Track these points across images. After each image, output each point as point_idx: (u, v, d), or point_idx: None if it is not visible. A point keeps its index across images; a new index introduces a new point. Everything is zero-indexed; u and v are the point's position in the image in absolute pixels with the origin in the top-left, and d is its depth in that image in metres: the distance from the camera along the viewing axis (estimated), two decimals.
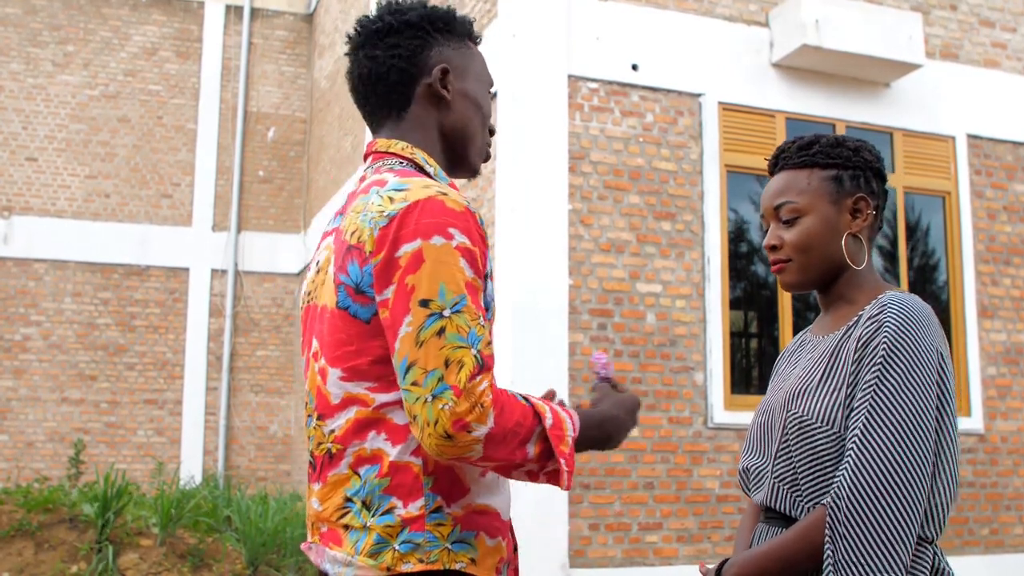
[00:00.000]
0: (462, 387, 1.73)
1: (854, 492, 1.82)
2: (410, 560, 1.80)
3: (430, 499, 1.83)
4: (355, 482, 1.85)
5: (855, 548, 1.81)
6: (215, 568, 7.81)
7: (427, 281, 1.78)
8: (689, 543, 7.75)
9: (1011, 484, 8.88)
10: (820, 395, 1.94)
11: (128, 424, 14.11)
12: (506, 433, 1.77)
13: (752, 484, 2.10)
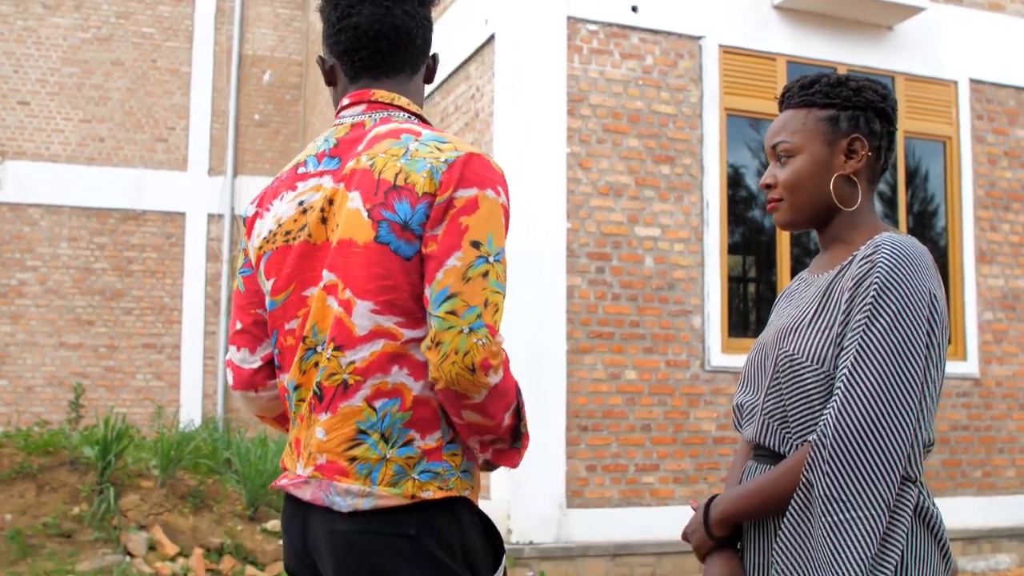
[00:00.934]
0: (496, 328, 1.86)
1: (839, 429, 1.83)
2: (429, 488, 1.89)
3: (446, 431, 1.94)
4: (369, 415, 1.91)
5: (838, 484, 1.82)
6: (216, 509, 7.87)
7: (481, 226, 1.90)
8: (685, 484, 7.81)
9: (1004, 428, 8.95)
10: (811, 333, 1.95)
11: (127, 368, 14.15)
12: (506, 390, 1.90)
13: (744, 421, 2.12)
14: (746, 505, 1.99)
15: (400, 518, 1.88)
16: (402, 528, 1.88)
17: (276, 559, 7.53)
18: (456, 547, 1.91)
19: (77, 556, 7.13)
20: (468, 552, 1.93)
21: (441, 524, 1.90)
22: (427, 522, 1.89)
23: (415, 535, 1.88)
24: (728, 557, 2.04)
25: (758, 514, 1.99)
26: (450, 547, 1.90)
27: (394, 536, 1.88)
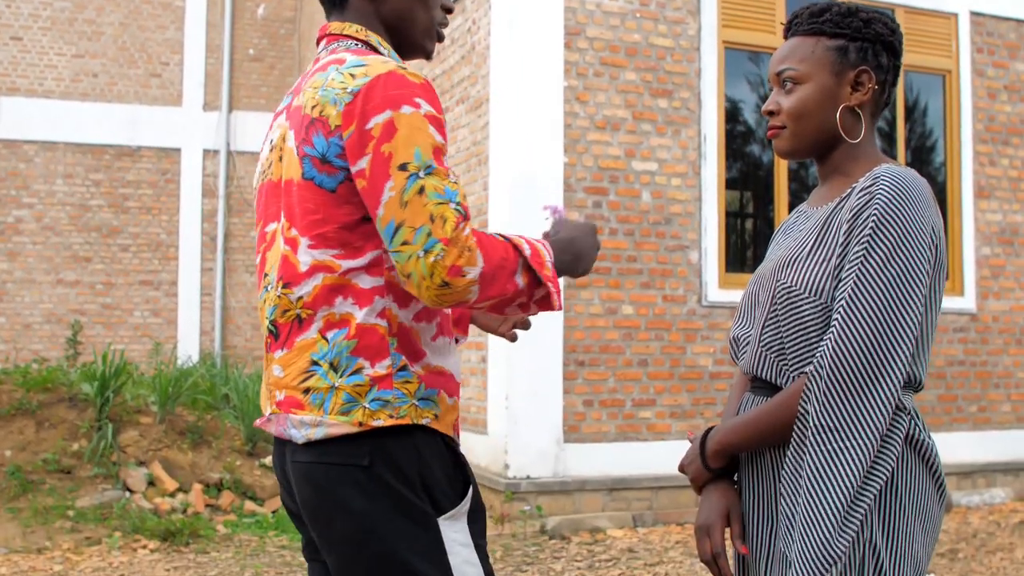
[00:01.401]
0: (450, 237, 1.82)
1: (835, 360, 1.83)
2: (380, 416, 1.89)
3: (396, 358, 1.92)
4: (322, 346, 1.92)
5: (831, 414, 1.82)
6: (214, 445, 7.92)
7: (403, 147, 1.86)
8: (682, 419, 7.85)
9: (1001, 363, 8.97)
10: (809, 265, 1.94)
11: (124, 305, 14.15)
12: (495, 269, 1.87)
13: (740, 353, 2.11)
14: (743, 436, 1.99)
15: (353, 447, 1.89)
16: (356, 458, 1.88)
17: (274, 494, 7.59)
18: (414, 476, 1.90)
19: (77, 492, 7.18)
20: (428, 482, 1.92)
21: (397, 453, 1.89)
22: (381, 451, 1.88)
23: (368, 465, 1.87)
24: (725, 489, 2.04)
25: (755, 445, 1.99)
26: (406, 477, 1.89)
27: (348, 466, 1.88)
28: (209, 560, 6.26)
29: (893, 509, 1.88)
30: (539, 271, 1.94)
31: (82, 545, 6.51)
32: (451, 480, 1.96)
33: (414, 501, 1.88)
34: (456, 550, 1.91)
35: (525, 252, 1.94)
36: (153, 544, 6.54)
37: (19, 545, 6.46)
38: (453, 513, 1.93)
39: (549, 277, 1.96)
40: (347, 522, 1.89)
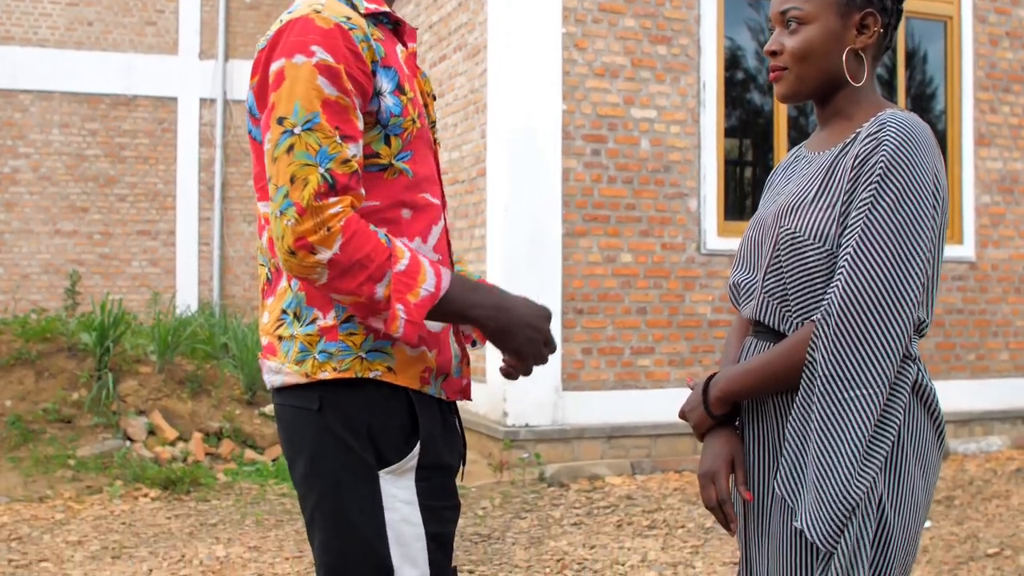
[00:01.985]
0: (305, 204, 1.75)
1: (844, 308, 1.82)
2: (326, 368, 1.86)
3: (340, 310, 1.87)
4: (289, 294, 1.92)
5: (840, 362, 1.82)
6: (214, 394, 7.94)
7: (284, 99, 1.81)
8: (681, 367, 7.86)
9: (999, 311, 8.97)
10: (814, 211, 1.92)
11: (122, 255, 14.13)
12: (352, 263, 1.77)
13: (742, 299, 2.10)
14: (747, 383, 1.98)
15: (307, 393, 1.88)
16: (308, 402, 1.88)
17: (274, 442, 7.62)
18: (360, 426, 1.87)
19: (77, 441, 7.21)
20: (375, 433, 1.87)
21: (346, 401, 1.87)
22: (331, 397, 1.87)
23: (318, 409, 1.87)
24: (728, 435, 2.04)
25: (759, 392, 1.98)
26: (353, 425, 1.86)
27: (302, 409, 1.89)
28: (210, 508, 6.29)
29: (895, 454, 1.89)
30: (398, 291, 1.80)
31: (83, 494, 6.54)
32: (406, 434, 1.90)
33: (356, 450, 1.85)
34: (395, 506, 1.86)
35: (396, 266, 1.80)
36: (154, 492, 6.58)
37: (20, 494, 6.49)
38: (395, 468, 1.87)
39: (408, 303, 1.80)
40: (300, 464, 1.91)
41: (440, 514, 1.91)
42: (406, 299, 1.81)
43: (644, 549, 5.43)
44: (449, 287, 1.86)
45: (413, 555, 1.85)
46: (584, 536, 5.71)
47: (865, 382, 1.81)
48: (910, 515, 1.89)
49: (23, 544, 5.41)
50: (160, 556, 5.21)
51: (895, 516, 1.87)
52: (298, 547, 5.40)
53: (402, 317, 1.80)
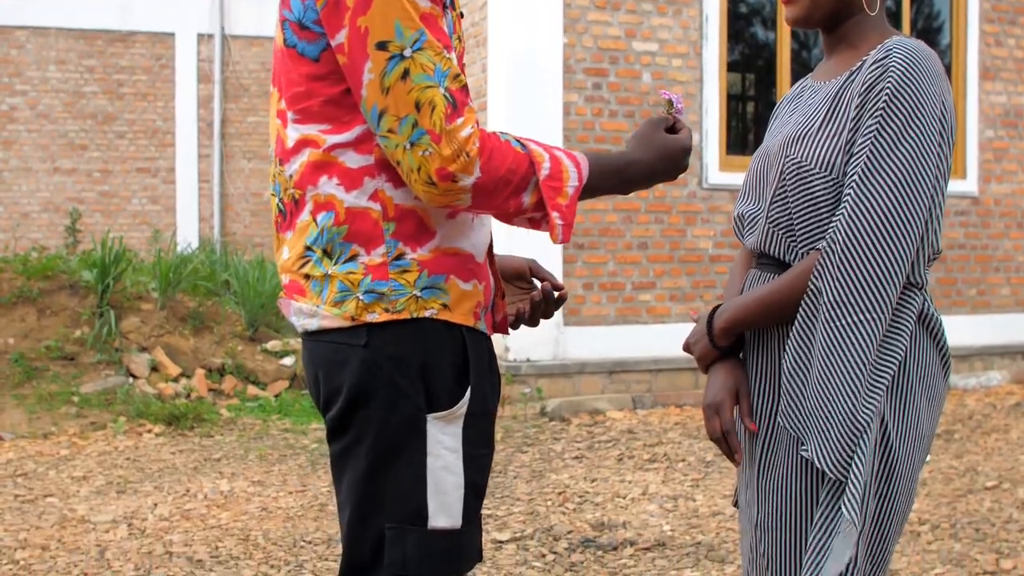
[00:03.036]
0: (439, 131, 1.66)
1: (849, 236, 1.81)
2: (375, 310, 1.75)
3: (392, 246, 1.76)
4: (313, 230, 1.79)
5: (845, 289, 1.81)
6: (216, 330, 7.95)
7: (380, 21, 1.67)
8: (682, 302, 7.87)
9: (1001, 246, 8.96)
10: (819, 140, 1.90)
11: (122, 193, 14.09)
12: (496, 183, 1.70)
13: (746, 230, 2.08)
14: (752, 313, 1.97)
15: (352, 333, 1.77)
16: (354, 338, 1.76)
17: (277, 378, 7.65)
18: (413, 364, 1.77)
19: (80, 378, 7.24)
20: (428, 373, 1.77)
21: (397, 340, 1.76)
22: (381, 336, 1.76)
23: (365, 345, 1.76)
24: (732, 367, 2.03)
25: (764, 323, 1.97)
26: (405, 365, 1.76)
27: (345, 345, 1.77)
28: (213, 443, 6.33)
29: (901, 384, 1.89)
30: (550, 197, 1.74)
31: (87, 430, 6.58)
32: (457, 376, 1.80)
33: (405, 390, 1.76)
34: (439, 452, 1.77)
35: (540, 172, 1.74)
36: (158, 428, 6.61)
37: (25, 431, 6.53)
38: (445, 415, 1.78)
39: (560, 207, 1.75)
40: (338, 400, 1.80)
41: (479, 461, 1.84)
42: (557, 203, 1.75)
43: (645, 482, 5.47)
44: (588, 175, 1.80)
45: (449, 503, 1.78)
46: (585, 469, 5.75)
47: (868, 307, 1.81)
48: (915, 443, 1.89)
49: (29, 480, 5.45)
50: (165, 490, 5.25)
51: (900, 444, 1.87)
52: (301, 481, 5.44)
53: (559, 224, 1.75)
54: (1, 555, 4.24)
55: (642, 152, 1.87)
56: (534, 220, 1.79)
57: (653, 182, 1.91)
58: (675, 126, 1.91)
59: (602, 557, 4.26)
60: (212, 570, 4.07)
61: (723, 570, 4.08)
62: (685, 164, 1.91)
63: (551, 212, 1.74)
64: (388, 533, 1.76)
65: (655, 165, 1.87)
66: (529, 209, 1.76)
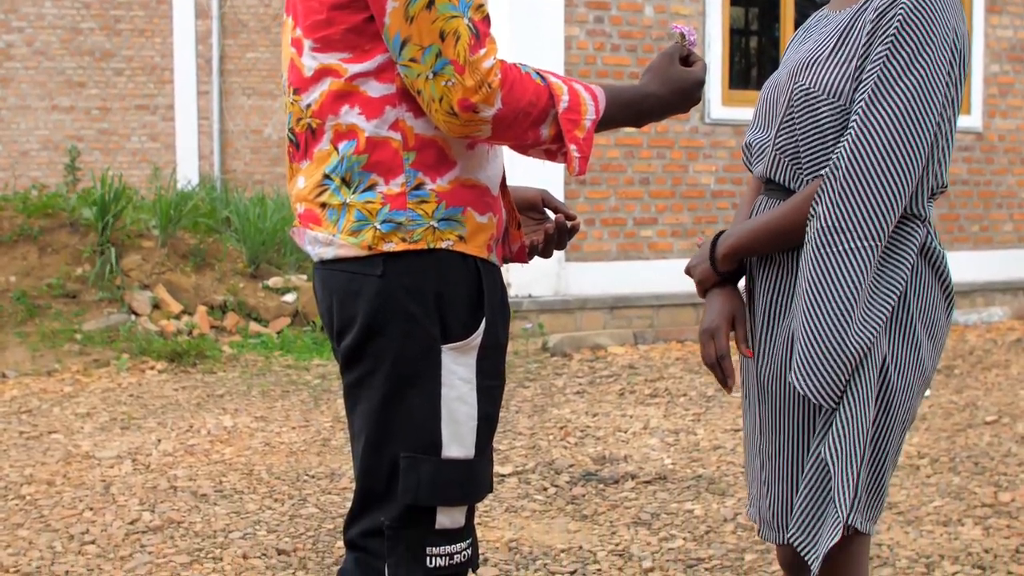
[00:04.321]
0: (463, 61, 1.66)
1: (851, 161, 1.80)
2: (392, 240, 1.75)
3: (411, 176, 1.76)
4: (334, 158, 1.78)
5: (843, 214, 1.80)
6: (217, 267, 7.95)
7: None
8: (683, 237, 7.85)
9: (1004, 182, 8.92)
10: (829, 67, 1.88)
11: (121, 131, 14.02)
12: (516, 114, 1.71)
13: (754, 158, 2.07)
14: (755, 239, 1.97)
15: (368, 262, 1.77)
16: (370, 268, 1.77)
17: (279, 315, 7.66)
18: (429, 295, 1.77)
19: (83, 316, 7.25)
20: (444, 303, 1.78)
21: (414, 270, 1.77)
22: (397, 266, 1.76)
23: (381, 275, 1.76)
24: (730, 293, 2.03)
25: (766, 249, 1.97)
26: (421, 295, 1.77)
27: (360, 275, 1.78)
28: (216, 380, 6.36)
29: (901, 318, 1.88)
30: (568, 130, 1.76)
31: (90, 367, 6.60)
32: (472, 307, 1.81)
33: (420, 320, 1.76)
34: (453, 383, 1.79)
35: (559, 105, 1.75)
36: (160, 365, 6.64)
37: (29, 368, 6.55)
38: (460, 346, 1.79)
39: (578, 140, 1.76)
40: (352, 329, 1.80)
41: (492, 393, 1.85)
42: (575, 136, 1.76)
43: (646, 417, 5.50)
44: (605, 108, 1.81)
45: (463, 434, 1.79)
46: (587, 404, 5.77)
47: (861, 235, 1.80)
48: (914, 376, 1.89)
49: (33, 416, 5.49)
50: (168, 427, 5.28)
51: (898, 377, 1.87)
52: (304, 417, 5.47)
53: (576, 156, 1.77)
54: (7, 491, 4.28)
55: (657, 85, 1.87)
56: (551, 152, 1.81)
57: (667, 114, 1.92)
58: (689, 58, 1.90)
59: (603, 490, 4.29)
60: (216, 504, 4.10)
61: (723, 502, 4.11)
62: (699, 97, 1.91)
63: (569, 145, 1.76)
64: (402, 462, 1.78)
65: (669, 98, 1.88)
66: (547, 141, 1.77)
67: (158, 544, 3.67)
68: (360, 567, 1.83)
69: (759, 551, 3.56)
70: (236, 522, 3.90)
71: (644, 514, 3.98)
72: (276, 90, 14.15)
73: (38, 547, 3.64)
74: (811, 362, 1.82)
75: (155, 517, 3.94)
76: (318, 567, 3.45)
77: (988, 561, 3.44)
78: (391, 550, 1.79)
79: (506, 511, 4.02)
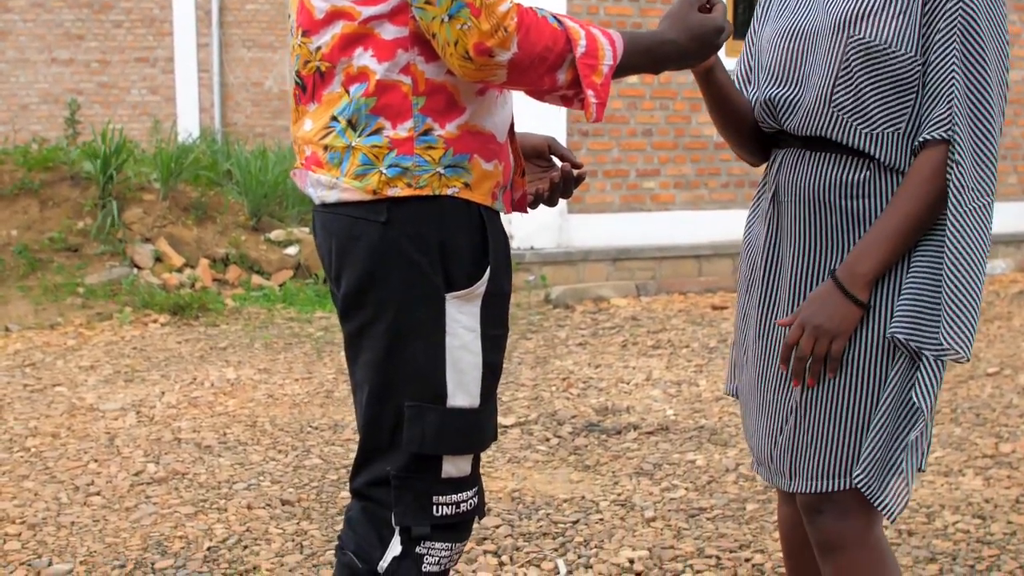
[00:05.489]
0: (479, 4, 1.63)
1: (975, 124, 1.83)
2: (397, 184, 1.74)
3: (419, 120, 1.75)
4: (344, 101, 1.76)
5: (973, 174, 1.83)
6: (219, 220, 7.94)
7: None
8: (686, 189, 7.83)
9: (1009, 134, 8.87)
10: (888, 19, 1.85)
11: (121, 84, 13.94)
12: (532, 59, 1.68)
13: (782, 114, 1.99)
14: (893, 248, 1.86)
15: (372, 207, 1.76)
16: (373, 214, 1.75)
17: (281, 267, 7.66)
18: (432, 243, 1.76)
19: (85, 269, 7.25)
20: (447, 251, 1.77)
21: (418, 217, 1.76)
22: (401, 211, 1.75)
23: (385, 222, 1.75)
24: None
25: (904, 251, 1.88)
26: (424, 242, 1.76)
27: (363, 220, 1.76)
28: (219, 332, 6.37)
29: None
30: (586, 75, 1.72)
31: (93, 321, 6.61)
32: (476, 256, 1.79)
33: (423, 268, 1.75)
34: (457, 332, 1.78)
35: (577, 49, 1.71)
36: (163, 318, 6.64)
37: (32, 322, 6.56)
38: (464, 294, 1.78)
39: (595, 85, 1.72)
40: (353, 276, 1.79)
41: (496, 341, 1.85)
42: (592, 81, 1.72)
43: (649, 368, 5.51)
44: (623, 53, 1.77)
45: (467, 383, 1.79)
46: (589, 356, 5.78)
47: (988, 190, 1.85)
48: None
49: (37, 369, 5.50)
50: (172, 379, 5.30)
51: None
52: (307, 369, 5.48)
53: (594, 102, 1.74)
54: (13, 443, 4.30)
55: (676, 32, 1.83)
56: (567, 98, 1.78)
57: (685, 62, 1.87)
58: (709, 3, 1.86)
59: (606, 441, 4.31)
60: (221, 455, 4.12)
61: (725, 453, 4.13)
62: (719, 44, 1.86)
63: (586, 91, 1.73)
64: (407, 411, 1.77)
65: (688, 46, 1.83)
66: (563, 87, 1.74)
67: (163, 495, 3.69)
68: (367, 516, 1.83)
69: (760, 500, 3.58)
70: (240, 473, 3.92)
71: (646, 464, 4.00)
72: (277, 42, 14.05)
73: (44, 498, 3.66)
74: (966, 319, 1.82)
75: (160, 468, 3.96)
76: (322, 517, 3.47)
77: (988, 511, 3.46)
78: (398, 499, 1.79)
79: (509, 462, 4.04)
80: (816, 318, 1.89)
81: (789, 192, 2.00)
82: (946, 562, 3.04)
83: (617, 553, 3.15)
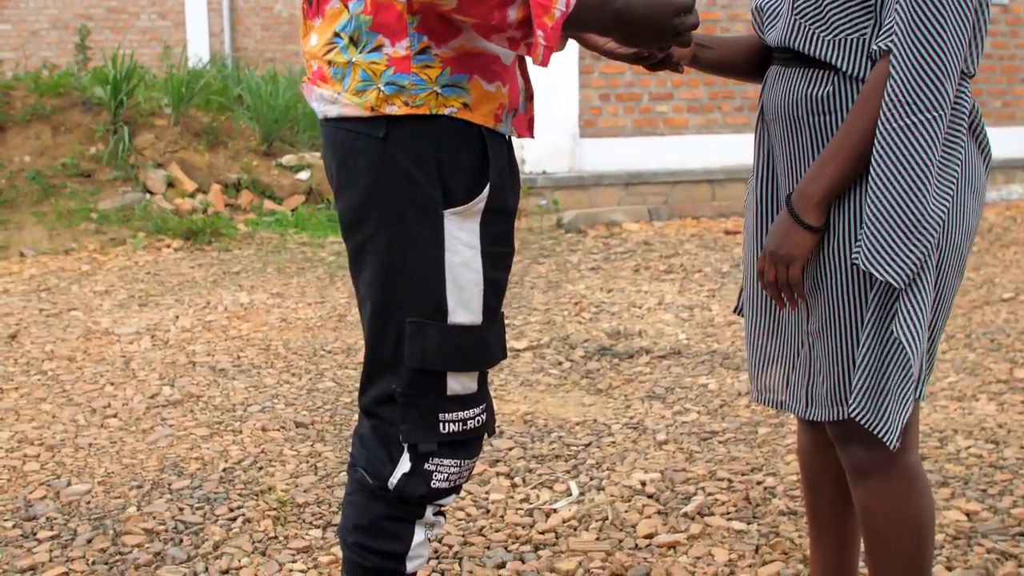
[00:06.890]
0: None
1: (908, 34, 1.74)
2: (395, 102, 1.74)
3: (415, 39, 1.73)
4: (344, 16, 1.76)
5: (907, 87, 1.75)
6: (230, 145, 7.91)
7: None
8: (699, 113, 7.76)
9: (1020, 56, 8.75)
10: None
11: (131, 9, 13.82)
12: None
13: (766, 24, 1.99)
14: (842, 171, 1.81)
15: (372, 123, 1.76)
16: (372, 129, 1.75)
17: (293, 192, 7.65)
18: (430, 160, 1.75)
19: (98, 195, 7.25)
20: (445, 168, 1.76)
21: (416, 134, 1.75)
22: (399, 128, 1.75)
23: (383, 138, 1.75)
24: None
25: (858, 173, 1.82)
26: (422, 158, 1.75)
27: (363, 135, 1.76)
28: (232, 257, 6.38)
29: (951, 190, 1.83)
30: (537, 15, 1.65)
31: (107, 246, 6.63)
32: (475, 174, 1.78)
33: (422, 184, 1.75)
34: (457, 248, 1.78)
35: None
36: (176, 243, 6.66)
37: (46, 247, 6.58)
38: (462, 210, 1.77)
39: (545, 27, 1.66)
40: (354, 191, 1.79)
41: (499, 260, 1.84)
42: (543, 22, 1.66)
43: (661, 292, 5.51)
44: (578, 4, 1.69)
45: (468, 299, 1.79)
46: (601, 280, 5.78)
47: (929, 105, 1.74)
48: (962, 239, 1.86)
49: (52, 294, 5.53)
50: (186, 303, 5.32)
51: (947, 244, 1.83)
52: (320, 293, 5.50)
53: (542, 44, 1.67)
54: (30, 366, 4.33)
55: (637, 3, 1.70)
56: (513, 40, 1.72)
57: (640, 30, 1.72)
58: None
59: (618, 365, 4.32)
60: (235, 379, 4.15)
61: (737, 377, 4.14)
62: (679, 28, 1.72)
63: (536, 30, 1.66)
64: (408, 328, 1.78)
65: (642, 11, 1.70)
66: (512, 26, 1.69)
67: (178, 417, 3.72)
68: (376, 433, 1.85)
69: (772, 424, 3.59)
70: (254, 396, 3.95)
71: (658, 388, 4.01)
72: None
73: (61, 420, 3.70)
74: (887, 242, 1.75)
75: (175, 391, 3.99)
76: (335, 439, 3.50)
77: (1001, 436, 3.46)
78: (404, 416, 1.81)
79: (521, 385, 4.06)
80: (770, 244, 1.87)
81: (770, 111, 1.98)
82: (958, 486, 3.05)
83: (629, 476, 3.17)
